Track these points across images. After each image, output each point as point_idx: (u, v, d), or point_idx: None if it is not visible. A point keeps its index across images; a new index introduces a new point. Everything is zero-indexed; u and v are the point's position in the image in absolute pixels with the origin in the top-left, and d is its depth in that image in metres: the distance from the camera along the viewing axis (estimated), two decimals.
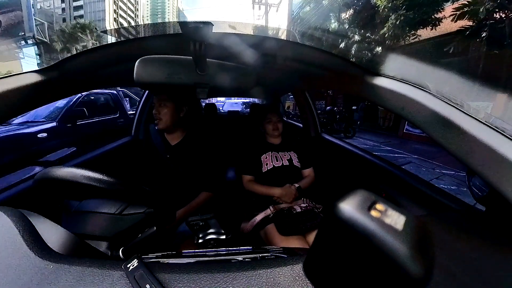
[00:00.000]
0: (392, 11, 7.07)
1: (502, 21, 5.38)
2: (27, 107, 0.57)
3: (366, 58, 8.33)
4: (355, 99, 10.14)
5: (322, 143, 1.54)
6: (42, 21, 14.74)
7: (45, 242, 0.32)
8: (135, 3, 78.37)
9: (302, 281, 0.26)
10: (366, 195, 0.19)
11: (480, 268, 0.29)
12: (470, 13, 5.77)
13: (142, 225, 0.48)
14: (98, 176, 0.40)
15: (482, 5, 5.41)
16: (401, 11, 6.83)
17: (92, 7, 60.97)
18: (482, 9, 5.40)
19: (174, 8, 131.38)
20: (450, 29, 6.37)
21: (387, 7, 7.12)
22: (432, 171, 4.32)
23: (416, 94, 0.48)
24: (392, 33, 7.26)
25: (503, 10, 5.37)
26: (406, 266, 0.15)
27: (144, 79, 0.50)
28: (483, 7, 5.37)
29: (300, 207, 1.00)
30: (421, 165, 4.71)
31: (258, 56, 0.58)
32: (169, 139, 0.98)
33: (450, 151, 0.42)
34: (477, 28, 5.64)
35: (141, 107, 1.54)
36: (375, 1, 7.60)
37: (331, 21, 10.55)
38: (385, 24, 7.32)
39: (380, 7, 7.38)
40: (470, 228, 0.39)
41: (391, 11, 7.09)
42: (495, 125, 0.38)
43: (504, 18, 5.35)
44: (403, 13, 6.78)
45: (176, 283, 0.27)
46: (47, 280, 0.27)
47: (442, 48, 6.40)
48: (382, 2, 7.24)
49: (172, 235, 0.82)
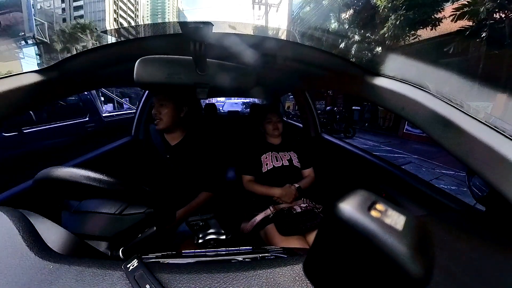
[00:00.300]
0: (392, 11, 7.11)
1: (502, 21, 5.42)
2: (27, 107, 0.57)
3: (366, 58, 8.40)
4: (355, 99, 10.17)
5: (322, 143, 1.54)
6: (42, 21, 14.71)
7: (45, 242, 0.32)
8: (135, 3, 78.48)
9: (302, 281, 0.26)
10: (366, 195, 0.19)
11: (480, 268, 0.29)
12: (470, 13, 5.81)
13: (142, 225, 0.48)
14: (98, 176, 0.40)
15: (482, 5, 5.46)
16: (401, 11, 6.87)
17: (92, 7, 61.03)
18: (482, 9, 5.44)
19: (174, 8, 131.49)
20: (450, 29, 6.41)
21: (387, 7, 7.17)
22: (432, 171, 4.33)
23: (416, 94, 0.48)
24: (392, 33, 7.30)
25: (503, 10, 5.41)
26: (406, 266, 0.15)
27: (144, 79, 0.50)
28: (483, 7, 5.41)
29: (300, 207, 1.00)
30: (421, 165, 4.73)
31: (258, 56, 0.58)
32: (169, 139, 0.98)
33: (450, 151, 0.42)
34: (477, 28, 5.68)
35: (141, 107, 1.54)
36: (375, 1, 7.65)
37: (331, 21, 10.62)
38: (385, 24, 7.37)
39: (380, 7, 7.42)
40: (470, 228, 0.39)
41: (391, 11, 7.13)
42: (495, 125, 0.38)
43: (504, 18, 5.40)
44: (403, 13, 6.82)
45: (176, 283, 0.27)
46: (47, 280, 0.27)
47: (442, 48, 6.44)
48: (382, 2, 7.29)
49: (172, 235, 0.82)
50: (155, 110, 0.89)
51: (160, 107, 0.89)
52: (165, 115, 0.89)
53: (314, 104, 1.67)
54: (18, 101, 0.52)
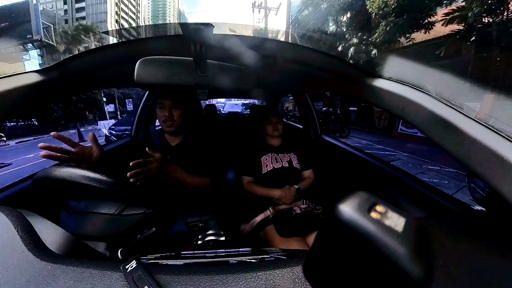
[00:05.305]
0: (383, 18, 7.55)
1: (490, 24, 5.96)
2: (27, 107, 0.57)
3: (364, 60, 8.64)
4: (352, 100, 10.53)
5: (322, 145, 1.54)
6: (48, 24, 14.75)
7: (43, 243, 0.32)
8: (136, 5, 79.05)
9: (302, 283, 0.26)
10: (366, 196, 0.19)
11: (480, 270, 0.28)
12: (459, 18, 6.40)
13: (141, 226, 0.48)
14: (98, 176, 0.40)
15: (470, 11, 5.98)
16: (390, 17, 7.32)
17: (94, 9, 61.42)
18: (470, 14, 5.99)
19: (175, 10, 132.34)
20: (441, 33, 6.98)
21: (378, 14, 7.61)
22: (419, 167, 4.65)
23: (415, 95, 0.48)
24: (383, 38, 7.75)
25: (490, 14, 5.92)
26: (407, 268, 0.15)
27: (144, 80, 0.50)
28: (471, 12, 5.94)
29: (300, 209, 1.00)
30: (409, 161, 5.13)
31: (258, 57, 0.58)
32: (169, 140, 0.98)
33: (450, 152, 0.42)
34: (466, 32, 6.26)
35: (141, 108, 1.55)
36: (368, 7, 8.00)
37: (329, 24, 10.95)
38: (377, 30, 7.81)
39: (372, 14, 7.83)
40: (471, 230, 0.39)
41: (382, 18, 7.58)
42: (494, 126, 0.38)
43: (492, 22, 5.92)
44: (392, 20, 7.30)
45: (174, 285, 0.26)
46: (45, 280, 0.26)
47: (434, 51, 6.95)
48: (373, 10, 7.71)
49: (167, 230, 0.81)
50: (167, 112, 0.89)
51: (173, 109, 0.89)
52: (179, 117, 0.90)
53: (314, 106, 1.68)
54: (18, 101, 0.52)
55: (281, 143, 1.25)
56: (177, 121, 0.90)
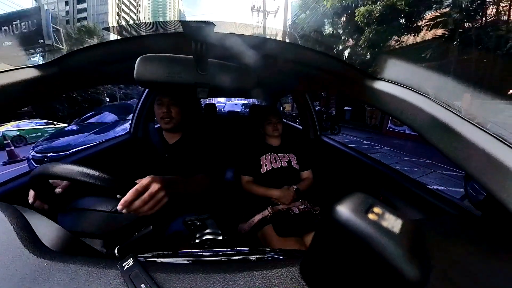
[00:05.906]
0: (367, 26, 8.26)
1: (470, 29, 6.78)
2: (26, 101, 0.56)
3: (364, 61, 8.90)
4: (347, 100, 11.04)
5: (321, 145, 1.54)
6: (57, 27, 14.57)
7: (39, 239, 0.32)
8: (137, 6, 78.81)
9: (299, 283, 0.26)
10: (363, 198, 0.19)
11: (476, 272, 0.29)
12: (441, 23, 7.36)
13: (139, 223, 0.48)
14: (95, 173, 0.40)
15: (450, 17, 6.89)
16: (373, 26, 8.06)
17: (95, 10, 61.16)
18: (449, 21, 6.91)
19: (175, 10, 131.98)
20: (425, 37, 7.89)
21: (363, 22, 8.28)
22: (396, 158, 5.17)
23: (415, 98, 0.48)
24: (368, 43, 8.45)
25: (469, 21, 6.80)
26: (403, 269, 0.15)
27: (144, 77, 0.50)
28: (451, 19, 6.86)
29: (298, 209, 1.00)
30: (388, 154, 5.67)
31: (259, 57, 0.58)
32: (167, 138, 0.97)
33: (448, 156, 0.42)
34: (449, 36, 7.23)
35: (141, 105, 1.54)
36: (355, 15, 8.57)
37: (324, 27, 11.50)
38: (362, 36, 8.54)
39: (358, 21, 8.44)
40: (467, 233, 0.39)
41: (366, 26, 8.27)
42: (493, 131, 0.38)
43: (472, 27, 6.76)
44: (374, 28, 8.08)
45: (171, 283, 0.26)
46: (40, 277, 0.26)
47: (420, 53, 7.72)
48: (359, 18, 8.35)
49: (165, 228, 0.81)
50: (165, 109, 0.88)
51: (172, 106, 0.89)
52: (178, 114, 0.90)
53: (314, 106, 1.68)
54: (17, 95, 0.51)
55: (280, 143, 1.26)
56: (175, 118, 0.90)
